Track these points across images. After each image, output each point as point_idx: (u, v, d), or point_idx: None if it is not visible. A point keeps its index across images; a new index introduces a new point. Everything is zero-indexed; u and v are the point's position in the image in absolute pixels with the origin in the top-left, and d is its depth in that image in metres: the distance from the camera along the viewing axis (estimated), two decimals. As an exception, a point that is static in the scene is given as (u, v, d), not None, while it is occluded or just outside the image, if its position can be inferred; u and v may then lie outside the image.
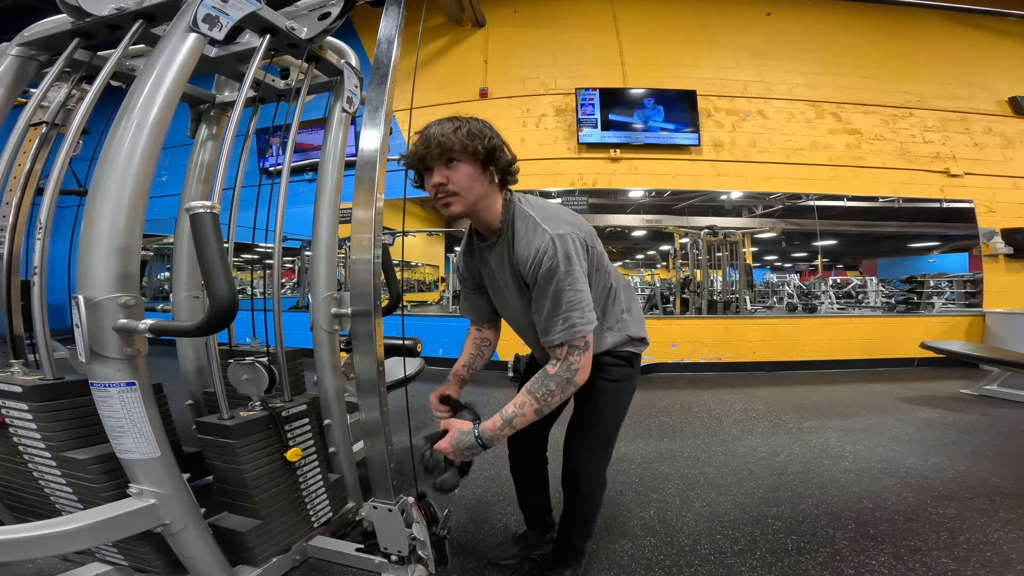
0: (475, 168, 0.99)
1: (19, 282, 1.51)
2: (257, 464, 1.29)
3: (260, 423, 1.32)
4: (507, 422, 1.03)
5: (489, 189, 1.03)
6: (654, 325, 4.79)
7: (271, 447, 1.34)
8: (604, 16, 5.23)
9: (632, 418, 3.06)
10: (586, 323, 1.00)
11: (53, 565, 1.39)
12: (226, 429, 1.25)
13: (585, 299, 1.00)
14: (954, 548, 1.52)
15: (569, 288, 0.98)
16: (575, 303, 0.99)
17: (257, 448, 1.30)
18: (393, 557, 1.27)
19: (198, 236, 0.94)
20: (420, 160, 0.99)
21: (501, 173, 1.03)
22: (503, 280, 1.14)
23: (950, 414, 3.11)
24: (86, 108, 1.25)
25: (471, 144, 0.96)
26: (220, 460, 1.28)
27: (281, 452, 1.35)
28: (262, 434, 1.32)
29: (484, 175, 1.00)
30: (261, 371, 1.34)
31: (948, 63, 5.36)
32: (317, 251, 1.62)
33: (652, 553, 1.52)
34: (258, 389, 1.35)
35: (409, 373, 2.35)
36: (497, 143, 1.00)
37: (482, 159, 0.98)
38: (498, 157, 1.01)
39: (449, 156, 0.97)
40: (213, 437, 1.28)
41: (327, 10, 1.42)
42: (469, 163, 0.98)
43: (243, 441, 1.26)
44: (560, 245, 0.98)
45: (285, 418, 1.38)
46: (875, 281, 5.32)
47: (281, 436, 1.35)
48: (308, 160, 5.29)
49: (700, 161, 4.98)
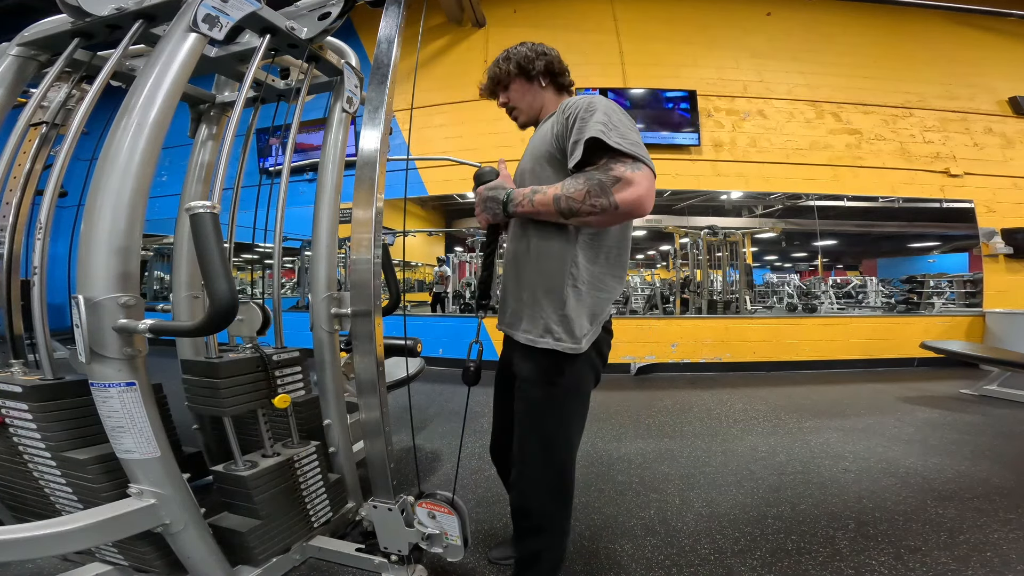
0: (522, 83, 1.17)
1: (19, 282, 1.50)
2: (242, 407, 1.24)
3: (248, 364, 1.27)
4: (531, 193, 0.99)
5: (542, 94, 1.18)
6: (654, 325, 4.79)
7: (259, 391, 1.29)
8: (604, 16, 5.23)
9: (632, 418, 3.07)
10: (639, 148, 0.89)
11: (53, 565, 1.39)
12: (213, 367, 1.21)
13: (626, 130, 0.91)
14: (954, 548, 1.52)
15: (616, 114, 0.93)
16: (626, 125, 0.92)
17: (244, 390, 1.25)
18: (393, 557, 1.27)
19: (198, 236, 0.94)
20: (490, 93, 1.23)
21: (548, 77, 1.17)
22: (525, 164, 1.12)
23: (950, 414, 3.11)
24: (86, 108, 1.25)
25: (510, 67, 1.16)
26: (204, 402, 1.23)
27: (269, 397, 1.30)
28: (250, 376, 1.27)
29: (532, 85, 1.17)
30: (255, 310, 1.30)
31: (948, 63, 5.37)
32: (317, 251, 1.62)
33: (652, 553, 1.52)
34: (250, 329, 1.31)
35: (409, 373, 2.35)
36: (529, 55, 1.15)
37: (524, 73, 1.15)
38: (535, 66, 1.14)
39: (503, 83, 1.19)
40: (198, 376, 1.23)
41: (327, 10, 1.42)
42: (516, 82, 1.17)
43: (229, 380, 1.22)
44: (603, 100, 0.97)
45: (276, 363, 1.35)
46: (875, 281, 5.32)
47: (270, 380, 1.31)
48: (308, 160, 5.29)
49: (700, 161, 4.98)
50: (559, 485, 1.10)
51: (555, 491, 1.10)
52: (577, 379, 1.05)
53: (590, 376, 1.09)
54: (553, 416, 1.06)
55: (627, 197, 0.86)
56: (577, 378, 1.05)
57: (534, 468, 1.09)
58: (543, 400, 1.05)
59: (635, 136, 0.91)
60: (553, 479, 1.09)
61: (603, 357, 1.11)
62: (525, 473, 1.11)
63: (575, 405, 1.08)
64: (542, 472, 1.09)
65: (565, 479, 1.10)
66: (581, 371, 1.05)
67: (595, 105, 0.95)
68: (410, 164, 4.90)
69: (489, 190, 1.06)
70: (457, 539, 1.21)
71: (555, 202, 0.93)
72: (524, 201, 0.99)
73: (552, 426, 1.06)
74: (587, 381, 1.08)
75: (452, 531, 1.21)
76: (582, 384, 1.07)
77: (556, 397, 1.05)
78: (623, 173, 0.87)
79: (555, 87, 1.19)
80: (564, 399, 1.05)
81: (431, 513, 1.23)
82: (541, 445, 1.08)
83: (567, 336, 1.01)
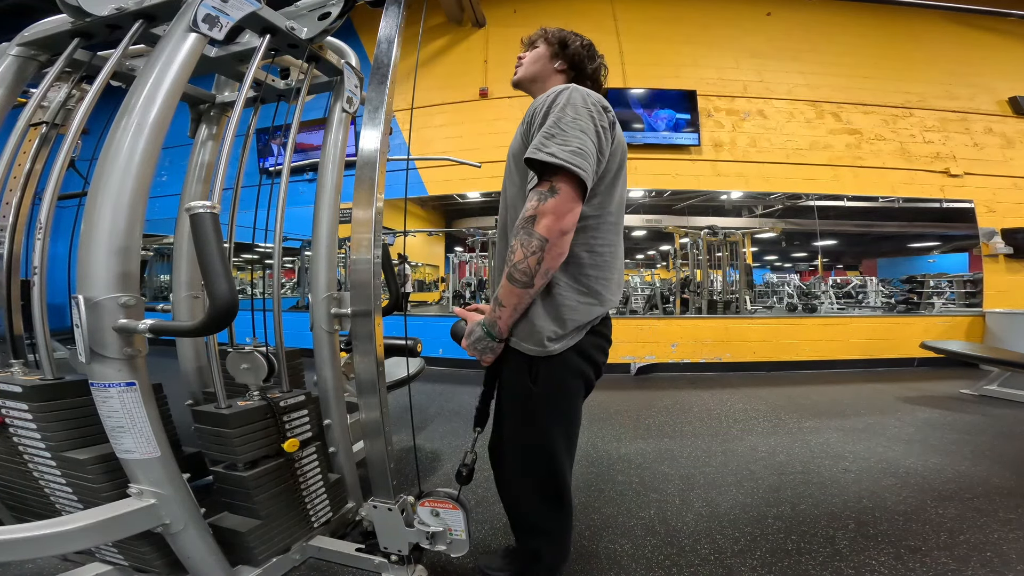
0: (544, 51, 1.18)
1: (19, 282, 1.50)
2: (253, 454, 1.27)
3: (258, 412, 1.30)
4: (496, 304, 0.95)
5: (550, 71, 1.18)
6: (654, 325, 4.79)
7: (268, 437, 1.32)
8: (604, 16, 5.23)
9: (632, 418, 3.07)
10: (569, 153, 0.85)
11: (53, 565, 1.39)
12: (223, 418, 1.23)
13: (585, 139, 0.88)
14: (954, 548, 1.52)
15: (569, 116, 0.89)
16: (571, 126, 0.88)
17: (254, 438, 1.28)
18: (393, 557, 1.27)
19: (198, 236, 0.94)
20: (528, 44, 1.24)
21: (569, 61, 1.17)
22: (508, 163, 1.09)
23: (950, 414, 3.11)
24: (86, 108, 1.24)
25: (544, 35, 1.19)
26: (217, 450, 1.26)
27: (279, 442, 1.33)
28: (260, 423, 1.30)
29: (550, 60, 1.17)
30: (260, 360, 1.33)
31: (948, 63, 5.36)
32: (317, 251, 1.62)
33: (652, 553, 1.52)
34: (256, 378, 1.33)
35: (409, 373, 2.35)
36: (567, 37, 1.17)
37: (551, 47, 1.17)
38: (566, 48, 1.16)
39: (532, 42, 1.22)
40: (209, 426, 1.25)
41: (327, 10, 1.42)
42: (541, 48, 1.19)
43: (240, 430, 1.24)
44: (577, 90, 0.94)
45: (283, 408, 1.37)
46: (875, 281, 5.32)
47: (279, 426, 1.34)
48: (308, 160, 5.29)
49: (700, 161, 4.98)
50: (545, 488, 1.07)
51: (542, 494, 1.08)
52: (554, 384, 1.00)
53: (573, 382, 1.03)
54: (528, 421, 1.03)
55: (546, 228, 0.86)
56: (554, 383, 1.00)
57: (516, 472, 1.09)
58: (515, 403, 1.04)
59: (576, 141, 0.88)
60: (537, 483, 1.07)
61: (594, 363, 1.06)
62: (509, 477, 1.12)
63: (553, 413, 1.03)
64: (523, 476, 1.08)
65: (553, 482, 1.07)
66: (559, 376, 1.00)
67: (554, 104, 0.92)
68: (410, 164, 4.90)
69: (469, 338, 1.01)
70: (462, 533, 1.22)
71: (512, 284, 0.90)
72: (499, 315, 0.95)
73: (528, 431, 1.04)
74: (569, 386, 1.03)
75: (457, 526, 1.22)
76: (562, 390, 1.02)
77: (529, 402, 1.01)
78: (533, 209, 0.88)
79: (567, 75, 1.18)
80: (538, 405, 1.01)
81: (434, 511, 1.23)
82: (519, 449, 1.07)
83: (534, 339, 0.97)
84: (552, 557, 1.13)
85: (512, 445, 1.09)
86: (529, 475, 1.07)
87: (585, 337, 1.02)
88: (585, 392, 1.09)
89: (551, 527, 1.11)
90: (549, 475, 1.06)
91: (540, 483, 1.07)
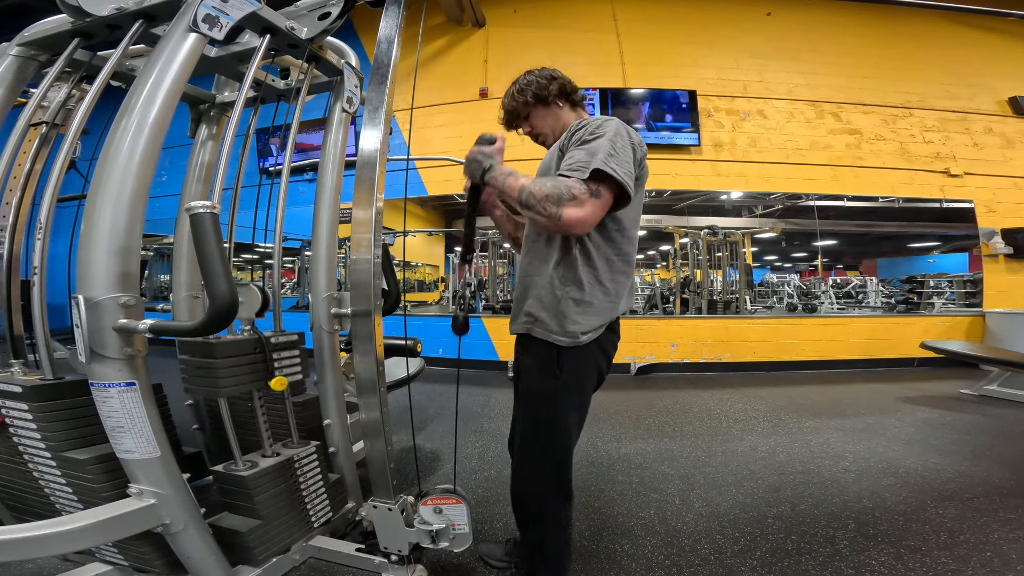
0: (541, 109, 1.21)
1: (19, 282, 1.51)
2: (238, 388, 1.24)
3: (247, 344, 1.27)
4: (508, 174, 1.02)
5: (561, 114, 1.21)
6: (654, 325, 4.79)
7: (256, 373, 1.29)
8: (604, 16, 5.23)
9: (632, 418, 3.07)
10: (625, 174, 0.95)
11: (53, 565, 1.39)
12: (210, 347, 1.21)
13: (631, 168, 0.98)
14: (954, 548, 1.52)
15: (609, 141, 0.97)
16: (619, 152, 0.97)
17: (240, 371, 1.24)
18: (393, 557, 1.27)
19: (198, 236, 0.94)
20: (509, 125, 1.27)
21: (563, 98, 1.21)
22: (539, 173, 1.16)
23: (950, 414, 3.11)
24: (86, 108, 1.25)
25: (527, 99, 1.19)
26: (200, 383, 1.23)
27: (266, 380, 1.30)
28: (247, 357, 1.27)
29: (551, 108, 1.20)
30: (254, 291, 1.30)
31: (948, 63, 5.36)
32: (317, 251, 1.62)
33: (652, 553, 1.52)
34: (249, 311, 1.30)
35: (409, 373, 2.35)
36: (542, 83, 1.19)
37: (542, 101, 1.19)
38: (550, 91, 1.19)
39: (523, 115, 1.23)
40: (196, 357, 1.23)
41: (327, 10, 1.42)
42: (535, 109, 1.21)
43: (226, 361, 1.22)
44: (615, 122, 1.02)
45: (273, 345, 1.34)
46: (875, 281, 5.32)
47: (267, 363, 1.31)
48: (308, 160, 5.29)
49: (700, 161, 4.98)
50: (555, 474, 1.12)
51: (551, 480, 1.12)
52: (577, 373, 1.08)
53: (592, 373, 1.11)
54: (550, 406, 1.08)
55: (571, 215, 0.93)
56: (577, 372, 1.08)
57: (532, 455, 1.13)
58: (540, 390, 1.09)
59: (628, 165, 0.98)
60: (549, 469, 1.11)
61: (608, 357, 1.14)
62: (523, 462, 1.15)
63: (572, 399, 1.10)
64: (539, 460, 1.12)
65: (561, 470, 1.12)
66: (581, 366, 1.08)
67: (605, 128, 1.00)
68: (410, 164, 4.90)
69: (479, 152, 1.08)
70: (465, 527, 1.24)
71: (520, 191, 0.98)
72: (500, 177, 1.02)
73: (549, 416, 1.09)
74: (587, 377, 1.11)
75: (460, 520, 1.23)
76: (582, 379, 1.10)
77: (553, 388, 1.07)
78: (581, 194, 0.93)
79: (570, 104, 1.23)
80: (561, 391, 1.07)
81: (436, 508, 1.24)
82: (538, 433, 1.11)
83: (563, 330, 1.05)
84: (556, 549, 1.16)
85: (529, 430, 1.14)
86: (544, 457, 1.12)
87: (603, 333, 1.10)
88: (597, 383, 1.16)
89: (553, 516, 1.15)
90: (559, 460, 1.12)
91: (550, 467, 1.12)
